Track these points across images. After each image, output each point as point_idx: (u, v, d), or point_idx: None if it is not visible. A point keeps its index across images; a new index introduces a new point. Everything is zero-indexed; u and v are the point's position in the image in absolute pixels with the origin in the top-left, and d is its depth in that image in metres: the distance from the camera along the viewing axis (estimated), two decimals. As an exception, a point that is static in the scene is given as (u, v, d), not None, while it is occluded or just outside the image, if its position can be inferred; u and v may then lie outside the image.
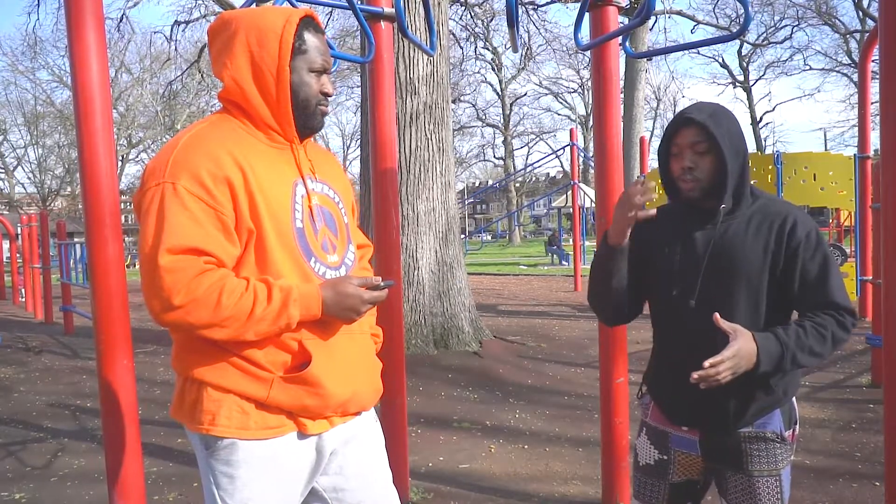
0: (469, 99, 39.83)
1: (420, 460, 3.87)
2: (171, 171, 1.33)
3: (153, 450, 4.10)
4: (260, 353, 1.40)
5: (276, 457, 1.42)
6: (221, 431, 1.39)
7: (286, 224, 1.41)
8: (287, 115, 1.45)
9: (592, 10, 2.89)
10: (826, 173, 6.12)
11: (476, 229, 42.34)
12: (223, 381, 1.39)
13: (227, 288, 1.31)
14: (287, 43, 1.42)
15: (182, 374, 1.44)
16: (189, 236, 1.30)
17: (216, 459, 1.41)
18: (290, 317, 1.35)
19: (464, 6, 20.35)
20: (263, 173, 1.40)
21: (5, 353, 7.55)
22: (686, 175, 1.65)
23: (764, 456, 1.67)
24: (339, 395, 1.46)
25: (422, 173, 6.44)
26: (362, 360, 1.56)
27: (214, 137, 1.40)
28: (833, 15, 32.74)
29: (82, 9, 2.25)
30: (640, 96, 17.46)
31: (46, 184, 42.27)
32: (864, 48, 7.20)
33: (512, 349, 6.93)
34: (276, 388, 1.39)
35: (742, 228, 1.65)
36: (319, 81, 1.49)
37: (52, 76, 38.10)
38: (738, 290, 1.64)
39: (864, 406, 4.75)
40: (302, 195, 1.46)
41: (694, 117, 1.62)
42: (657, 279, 1.75)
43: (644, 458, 1.83)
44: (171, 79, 26.78)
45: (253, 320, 1.32)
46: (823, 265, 1.61)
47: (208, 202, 1.32)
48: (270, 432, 1.41)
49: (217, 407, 1.39)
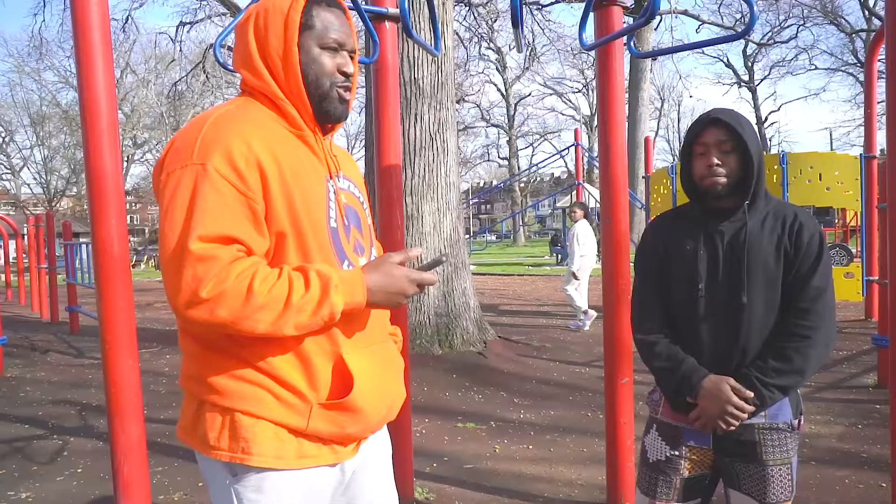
0: (473, 99, 39.81)
1: (424, 460, 3.87)
2: (200, 152, 1.20)
3: (158, 449, 4.11)
4: (296, 372, 1.27)
5: (309, 485, 1.32)
6: (256, 461, 1.25)
7: (321, 223, 1.30)
8: (300, 97, 1.33)
9: (597, 10, 2.89)
10: (832, 173, 6.09)
11: (480, 229, 42.41)
12: (255, 409, 1.25)
13: (260, 275, 1.17)
14: (293, 21, 1.31)
15: (199, 395, 1.29)
16: (222, 223, 1.17)
17: (244, 486, 1.28)
18: (332, 305, 1.20)
19: (468, 7, 20.35)
20: (297, 164, 1.29)
21: (11, 352, 7.58)
22: (713, 172, 1.72)
23: (777, 445, 1.73)
24: (377, 415, 1.37)
25: (426, 173, 6.44)
26: (393, 370, 1.45)
27: (245, 118, 1.29)
28: (839, 14, 32.63)
29: (87, 10, 2.26)
30: (645, 96, 17.44)
31: (52, 184, 42.47)
32: (870, 47, 7.16)
33: (516, 349, 6.93)
34: (316, 418, 1.28)
35: (758, 226, 1.74)
36: (335, 60, 1.36)
37: (58, 77, 38.32)
38: (758, 286, 1.71)
39: (870, 407, 4.73)
40: (333, 192, 1.36)
41: (721, 117, 1.72)
42: (679, 277, 1.80)
43: (654, 454, 1.85)
44: (175, 79, 26.87)
45: (290, 310, 1.18)
46: (812, 269, 1.69)
47: (239, 188, 1.20)
48: (308, 461, 1.30)
49: (251, 435, 1.25)
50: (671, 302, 1.82)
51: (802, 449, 3.88)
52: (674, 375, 1.75)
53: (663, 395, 1.85)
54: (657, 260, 1.85)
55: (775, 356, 1.67)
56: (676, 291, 1.80)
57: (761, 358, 1.69)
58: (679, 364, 1.74)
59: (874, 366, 5.65)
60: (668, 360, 1.76)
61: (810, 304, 1.67)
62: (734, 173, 1.72)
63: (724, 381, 1.68)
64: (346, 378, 1.30)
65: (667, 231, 1.86)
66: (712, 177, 1.72)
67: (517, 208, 38.43)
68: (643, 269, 1.90)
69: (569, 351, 7.04)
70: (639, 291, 1.90)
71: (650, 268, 1.87)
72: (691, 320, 1.77)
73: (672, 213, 1.92)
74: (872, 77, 7.19)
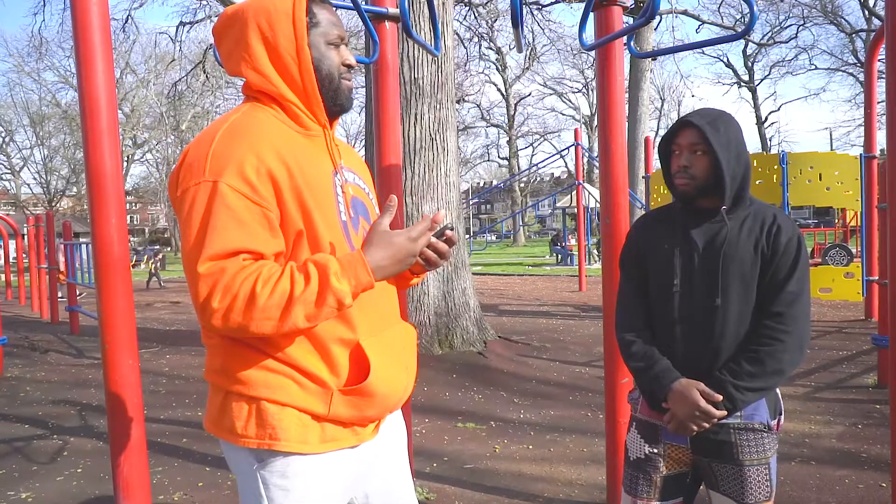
0: (473, 99, 39.85)
1: (424, 460, 3.87)
2: (211, 168, 1.24)
3: (158, 449, 4.11)
4: (316, 360, 1.33)
5: (334, 469, 1.37)
6: (283, 446, 1.31)
7: (333, 218, 1.34)
8: (315, 95, 1.38)
9: (597, 10, 2.89)
10: (832, 173, 6.09)
11: (481, 229, 42.37)
12: (280, 397, 1.31)
13: (263, 276, 1.22)
14: (301, 20, 1.35)
15: (225, 387, 1.35)
16: (232, 239, 1.22)
17: (270, 472, 1.34)
18: (336, 293, 1.22)
19: (468, 6, 20.37)
20: (306, 164, 1.32)
21: (11, 352, 7.58)
22: (682, 173, 1.75)
23: (753, 446, 1.73)
24: (394, 396, 1.42)
25: (426, 173, 6.44)
26: (407, 351, 1.50)
27: (253, 128, 1.32)
28: (839, 14, 32.65)
29: (87, 10, 2.26)
30: (645, 96, 17.43)
31: (52, 184, 42.49)
32: (870, 47, 7.17)
33: (516, 349, 6.93)
34: (337, 403, 1.33)
35: (736, 228, 1.74)
36: (339, 53, 1.42)
37: (58, 77, 38.38)
38: (733, 288, 1.71)
39: (869, 407, 4.73)
40: (340, 186, 1.40)
41: (693, 121, 1.73)
42: (656, 277, 1.81)
43: (634, 452, 1.86)
44: (175, 79, 26.89)
45: (295, 306, 1.21)
46: (789, 273, 1.69)
47: (252, 198, 1.24)
48: (330, 445, 1.36)
49: (277, 421, 1.31)
50: (650, 302, 1.83)
51: (802, 449, 3.89)
52: (647, 376, 1.77)
53: (640, 391, 1.86)
54: (637, 260, 1.87)
55: (748, 359, 1.67)
56: (653, 291, 1.82)
57: (734, 361, 1.69)
58: (653, 365, 1.76)
59: (874, 366, 5.65)
60: (643, 360, 1.78)
61: (785, 307, 1.67)
62: (704, 176, 1.72)
63: (693, 385, 1.68)
64: (364, 364, 1.35)
65: (646, 231, 1.88)
66: (680, 178, 1.75)
67: (517, 208, 38.45)
68: (624, 269, 1.92)
69: (569, 351, 7.04)
70: (621, 290, 1.92)
71: (630, 268, 1.89)
72: (666, 321, 1.78)
73: (654, 214, 1.93)
74: (872, 77, 7.18)
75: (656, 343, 1.80)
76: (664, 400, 1.73)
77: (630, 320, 1.85)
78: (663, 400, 1.73)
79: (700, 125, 1.71)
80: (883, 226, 5.95)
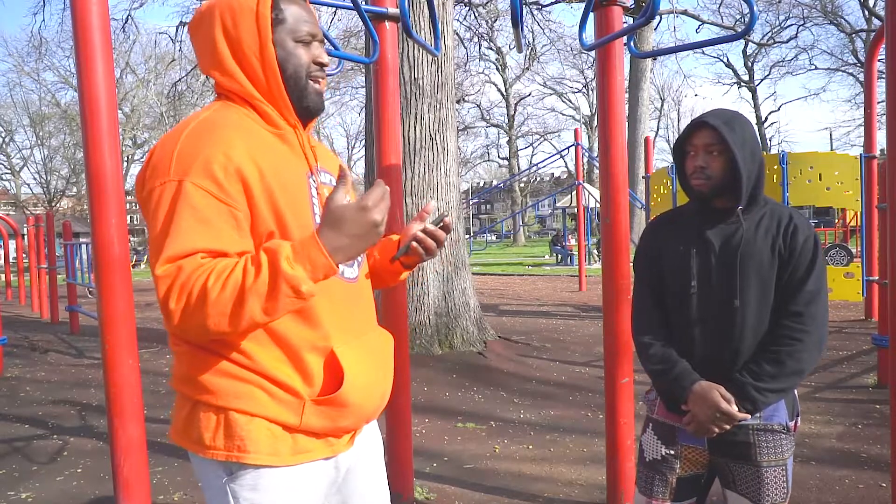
0: (473, 99, 39.86)
1: (424, 460, 3.87)
2: (176, 167, 1.19)
3: (158, 449, 4.11)
4: (288, 369, 1.27)
5: (305, 481, 1.32)
6: (253, 459, 1.26)
7: (306, 219, 1.29)
8: (282, 96, 1.32)
9: (597, 10, 2.89)
10: (832, 173, 6.08)
11: (480, 229, 42.39)
12: (249, 407, 1.25)
13: (216, 271, 1.15)
14: (264, 17, 1.30)
15: (192, 396, 1.29)
16: (193, 240, 1.17)
17: (240, 485, 1.29)
18: (290, 279, 1.13)
19: (468, 6, 20.36)
20: (279, 165, 1.28)
21: (11, 352, 7.58)
22: (699, 174, 1.75)
23: (772, 447, 1.73)
24: (370, 406, 1.37)
25: (426, 173, 6.44)
26: (383, 359, 1.45)
27: (222, 126, 1.26)
28: (839, 14, 32.65)
29: (87, 10, 2.26)
30: (645, 96, 17.44)
31: (52, 184, 42.48)
32: (870, 47, 7.16)
33: (516, 349, 6.93)
34: (309, 414, 1.28)
35: (752, 228, 1.74)
36: (310, 51, 1.35)
37: (58, 77, 38.40)
38: (751, 289, 1.71)
39: (870, 407, 4.73)
40: (315, 187, 1.35)
41: (709, 121, 1.73)
42: (672, 276, 1.81)
43: (650, 453, 1.86)
44: (175, 79, 26.85)
45: (249, 296, 1.13)
46: (807, 273, 1.70)
47: (219, 196, 1.19)
48: (303, 457, 1.30)
49: (246, 433, 1.25)
50: (667, 304, 1.83)
51: (802, 449, 3.88)
52: (666, 378, 1.76)
53: (658, 395, 1.86)
54: (653, 262, 1.87)
55: (768, 360, 1.67)
56: (670, 293, 1.82)
57: (754, 361, 1.69)
58: (672, 367, 1.75)
59: (874, 366, 5.66)
60: (662, 363, 1.77)
61: (804, 307, 1.68)
62: (721, 176, 1.73)
63: (714, 387, 1.68)
64: (338, 372, 1.29)
65: (662, 233, 1.88)
66: (696, 178, 1.75)
67: (517, 208, 38.44)
68: (640, 272, 1.92)
69: (569, 351, 7.04)
70: (636, 294, 1.91)
71: (646, 270, 1.89)
72: (684, 323, 1.78)
73: (669, 215, 1.93)
74: (872, 77, 7.18)
75: (674, 345, 1.80)
76: (684, 402, 1.73)
77: (647, 323, 1.85)
78: (683, 402, 1.73)
79: (716, 125, 1.71)
80: (883, 226, 5.95)
